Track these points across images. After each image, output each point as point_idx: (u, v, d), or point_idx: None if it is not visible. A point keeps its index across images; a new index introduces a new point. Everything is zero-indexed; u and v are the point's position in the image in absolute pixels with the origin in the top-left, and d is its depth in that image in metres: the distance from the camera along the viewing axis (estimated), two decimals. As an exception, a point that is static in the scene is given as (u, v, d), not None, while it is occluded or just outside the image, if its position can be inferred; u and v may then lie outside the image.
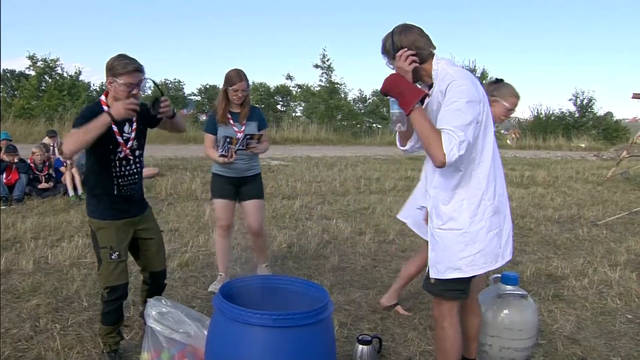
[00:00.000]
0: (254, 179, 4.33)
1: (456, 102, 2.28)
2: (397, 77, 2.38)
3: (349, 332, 3.63)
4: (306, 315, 2.23)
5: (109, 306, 3.02)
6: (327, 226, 6.63)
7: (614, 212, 8.08)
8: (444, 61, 2.44)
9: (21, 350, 3.22)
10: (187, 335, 2.76)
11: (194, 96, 33.65)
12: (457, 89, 2.30)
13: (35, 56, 21.14)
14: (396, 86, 2.37)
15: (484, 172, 2.42)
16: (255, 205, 4.32)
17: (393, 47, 2.43)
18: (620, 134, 28.92)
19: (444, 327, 2.59)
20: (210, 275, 4.68)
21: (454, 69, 2.39)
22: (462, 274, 2.46)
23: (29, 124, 16.88)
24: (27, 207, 7.30)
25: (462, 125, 2.24)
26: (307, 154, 15.71)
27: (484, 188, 2.42)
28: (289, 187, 9.47)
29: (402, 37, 2.43)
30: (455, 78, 2.33)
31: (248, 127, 4.19)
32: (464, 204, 2.42)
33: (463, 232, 2.42)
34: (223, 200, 4.29)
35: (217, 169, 4.31)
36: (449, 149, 2.22)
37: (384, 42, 2.50)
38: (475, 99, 2.32)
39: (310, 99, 26.15)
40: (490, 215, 2.44)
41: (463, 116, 2.26)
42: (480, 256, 2.44)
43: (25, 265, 4.67)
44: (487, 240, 2.44)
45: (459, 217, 2.43)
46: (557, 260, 5.45)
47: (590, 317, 4.06)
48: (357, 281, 4.71)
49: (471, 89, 2.33)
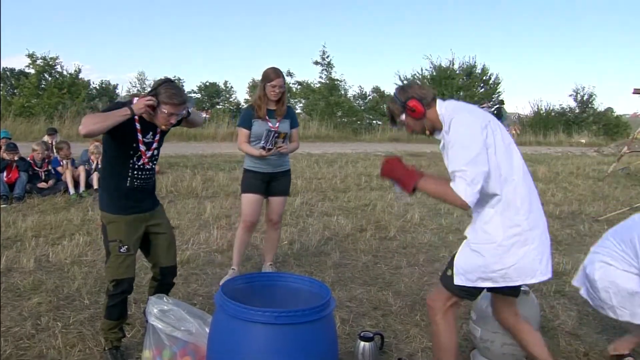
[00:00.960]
0: (285, 175, 4.49)
1: (458, 139, 2.41)
2: (392, 163, 2.62)
3: (350, 328, 3.63)
4: (308, 312, 2.23)
5: (113, 299, 3.03)
6: (328, 223, 6.62)
7: (615, 208, 8.07)
8: (446, 102, 2.59)
9: (23, 348, 3.22)
10: (188, 333, 2.75)
11: (193, 94, 33.67)
12: (455, 126, 2.43)
13: (35, 54, 21.10)
14: (392, 172, 2.60)
15: (517, 189, 2.49)
16: (281, 201, 4.51)
17: (400, 102, 2.60)
18: (621, 130, 28.87)
19: (437, 322, 2.65)
20: (212, 273, 4.68)
21: (452, 106, 2.55)
22: (494, 284, 2.52)
23: (29, 123, 16.86)
24: (28, 205, 7.30)
25: (469, 161, 2.36)
26: (307, 151, 15.70)
27: (518, 205, 2.48)
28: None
29: (406, 92, 2.61)
30: (453, 116, 2.46)
31: (282, 125, 4.31)
32: (499, 219, 2.49)
33: (497, 245, 2.48)
34: (253, 195, 4.38)
35: (250, 165, 4.39)
36: (464, 192, 2.35)
37: (390, 109, 2.68)
38: (475, 128, 2.41)
39: (311, 96, 26.10)
40: (527, 229, 2.49)
41: (467, 151, 2.37)
42: (514, 270, 2.49)
43: (26, 264, 4.67)
44: (522, 254, 2.48)
45: (494, 231, 2.49)
46: (558, 256, 5.45)
47: (592, 313, 4.05)
48: (358, 278, 4.70)
49: (469, 119, 2.44)
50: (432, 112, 2.58)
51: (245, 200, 4.40)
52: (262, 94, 4.27)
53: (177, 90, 2.92)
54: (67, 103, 19.04)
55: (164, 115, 2.89)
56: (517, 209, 2.48)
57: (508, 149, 2.50)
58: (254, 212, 4.40)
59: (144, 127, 2.98)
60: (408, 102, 2.58)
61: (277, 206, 4.50)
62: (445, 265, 2.70)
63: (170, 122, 2.94)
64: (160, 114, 2.90)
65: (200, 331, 2.74)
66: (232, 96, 39.09)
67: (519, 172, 2.51)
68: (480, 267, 2.51)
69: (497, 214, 2.49)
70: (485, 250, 2.50)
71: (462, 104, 2.59)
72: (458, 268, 2.59)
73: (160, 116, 2.90)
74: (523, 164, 2.57)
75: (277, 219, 4.55)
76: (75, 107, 18.69)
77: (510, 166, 2.49)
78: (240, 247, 4.53)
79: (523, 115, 30.53)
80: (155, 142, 3.08)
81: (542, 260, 2.54)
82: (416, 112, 2.57)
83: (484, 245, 2.51)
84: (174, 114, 2.91)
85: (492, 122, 2.49)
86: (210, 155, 13.43)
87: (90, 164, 8.59)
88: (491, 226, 2.50)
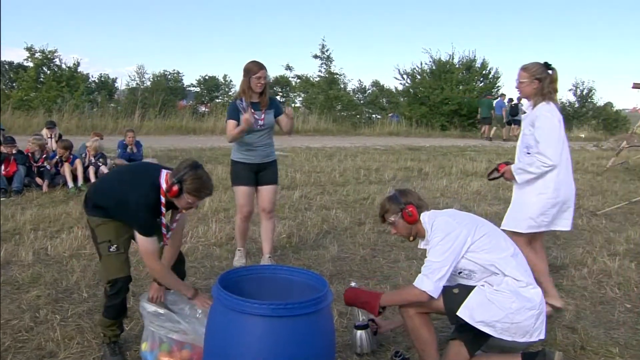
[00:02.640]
0: (272, 165, 4.63)
1: (436, 238, 2.75)
2: (353, 291, 3.00)
3: (348, 321, 3.63)
4: (305, 305, 2.23)
5: (112, 300, 3.00)
6: (326, 216, 6.63)
7: (613, 202, 8.08)
8: (427, 214, 2.90)
9: (21, 341, 3.22)
10: (184, 334, 2.77)
11: (193, 87, 33.59)
12: (435, 231, 2.79)
13: (33, 47, 21.04)
14: (357, 298, 2.95)
15: (512, 270, 2.74)
16: (271, 190, 4.63)
17: (399, 203, 2.87)
18: (620, 124, 28.87)
19: (411, 317, 2.77)
20: (210, 266, 4.69)
21: (434, 216, 2.87)
22: (493, 332, 2.67)
23: (28, 116, 16.81)
24: (27, 198, 7.29)
25: (439, 255, 2.69)
26: (306, 145, 15.70)
27: (519, 279, 2.73)
28: (289, 177, 9.46)
29: (407, 196, 2.90)
30: (436, 221, 2.82)
31: (267, 115, 4.47)
32: (508, 287, 2.72)
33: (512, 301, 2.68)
34: (245, 187, 4.54)
35: (238, 157, 4.55)
36: (426, 287, 2.67)
37: (384, 206, 2.93)
38: (453, 230, 2.74)
39: (310, 90, 26.04)
40: (532, 295, 2.72)
41: (441, 248, 2.70)
42: (516, 327, 2.68)
43: (25, 257, 4.68)
44: (526, 316, 2.67)
45: (502, 299, 2.69)
46: (556, 250, 5.46)
47: (590, 307, 4.07)
48: (356, 271, 4.71)
49: (449, 223, 2.78)
50: (419, 222, 2.87)
51: (238, 192, 4.58)
52: (247, 87, 4.41)
53: (203, 182, 2.84)
54: (66, 96, 18.97)
55: (188, 203, 2.85)
56: (517, 283, 2.73)
57: (494, 241, 2.77)
58: (248, 202, 4.58)
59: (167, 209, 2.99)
60: (407, 206, 2.83)
61: (268, 195, 4.61)
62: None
63: (193, 208, 2.95)
64: (183, 201, 2.85)
65: (197, 331, 2.75)
66: (232, 90, 39.07)
67: (505, 262, 2.75)
68: (487, 313, 2.68)
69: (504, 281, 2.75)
70: (499, 302, 2.71)
71: (440, 213, 2.90)
72: (470, 303, 2.71)
73: (183, 202, 2.86)
74: (516, 250, 2.85)
75: (270, 208, 4.64)
76: (74, 101, 18.64)
77: (496, 257, 2.74)
78: (242, 233, 4.77)
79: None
80: (175, 223, 3.11)
81: (536, 325, 2.75)
82: (412, 217, 2.84)
83: (500, 295, 2.72)
84: (196, 203, 2.89)
85: (469, 224, 2.79)
86: (209, 148, 13.41)
87: (90, 160, 8.54)
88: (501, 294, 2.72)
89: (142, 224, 2.85)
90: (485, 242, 2.72)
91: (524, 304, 2.67)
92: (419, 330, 2.75)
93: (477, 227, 2.76)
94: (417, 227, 2.88)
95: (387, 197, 2.95)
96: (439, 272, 2.66)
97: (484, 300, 2.68)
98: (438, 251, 2.70)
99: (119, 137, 11.40)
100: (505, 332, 2.66)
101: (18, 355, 3.06)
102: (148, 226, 2.86)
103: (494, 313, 2.65)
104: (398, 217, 2.87)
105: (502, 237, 2.82)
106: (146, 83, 25.60)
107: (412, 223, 2.86)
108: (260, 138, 4.48)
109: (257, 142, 4.47)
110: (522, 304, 2.67)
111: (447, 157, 13.70)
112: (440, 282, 2.67)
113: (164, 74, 30.55)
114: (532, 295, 2.72)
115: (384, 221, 2.95)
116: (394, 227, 2.92)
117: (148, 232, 2.85)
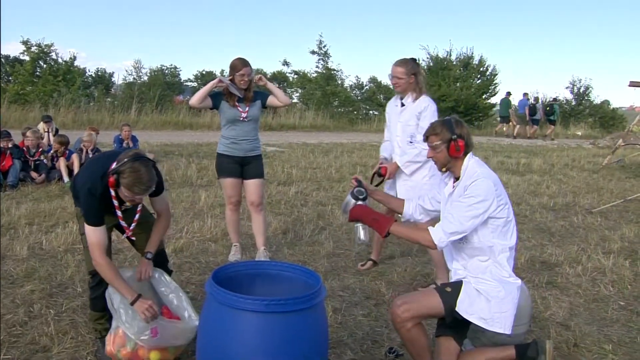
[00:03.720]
0: (256, 159, 4.65)
1: (471, 197, 2.58)
2: (364, 208, 2.84)
3: (342, 318, 3.64)
4: (298, 301, 2.23)
5: (94, 292, 3.03)
6: (322, 212, 6.63)
7: (608, 200, 8.10)
8: (474, 160, 2.73)
9: (15, 335, 3.22)
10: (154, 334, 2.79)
11: (190, 82, 33.49)
12: (474, 186, 2.60)
13: (30, 41, 20.91)
14: (367, 215, 2.81)
15: (503, 260, 2.69)
16: (256, 183, 4.64)
17: (452, 132, 2.68)
18: (617, 122, 28.88)
19: (409, 329, 2.67)
20: (205, 261, 4.69)
21: (481, 169, 2.67)
22: (484, 324, 2.65)
23: (24, 110, 16.76)
24: (22, 193, 7.27)
25: (464, 218, 2.58)
26: (303, 141, 15.68)
27: (506, 270, 2.70)
28: (285, 173, 9.45)
29: (461, 129, 2.70)
30: (480, 177, 2.61)
31: (252, 109, 4.54)
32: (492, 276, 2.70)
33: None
34: (231, 178, 4.60)
35: (222, 150, 4.61)
36: (438, 238, 2.61)
37: (435, 129, 2.73)
38: (489, 197, 2.59)
39: (307, 86, 25.99)
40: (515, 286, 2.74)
41: (470, 211, 2.57)
42: (505, 317, 2.66)
43: (19, 251, 4.66)
44: (513, 305, 2.69)
45: (489, 289, 2.69)
46: (551, 248, 5.47)
47: (583, 304, 4.08)
48: (351, 267, 4.71)
49: (490, 188, 2.60)
50: (461, 160, 2.72)
51: (224, 183, 4.66)
52: None
53: (139, 178, 2.67)
54: (63, 91, 18.91)
55: (126, 197, 2.75)
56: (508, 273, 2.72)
57: (506, 224, 2.69)
58: (236, 192, 4.66)
59: (121, 202, 2.87)
60: (459, 139, 2.67)
61: (255, 188, 4.63)
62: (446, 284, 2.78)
63: (136, 202, 2.82)
64: (122, 194, 2.74)
65: (168, 331, 2.80)
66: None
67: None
68: (484, 306, 2.66)
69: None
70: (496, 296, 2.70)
71: (488, 170, 2.71)
72: (465, 297, 2.68)
73: (123, 194, 2.75)
74: None
75: (258, 201, 4.66)
76: (70, 95, 18.57)
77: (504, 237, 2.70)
78: (233, 226, 4.79)
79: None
80: (137, 214, 3.01)
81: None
82: (459, 151, 2.68)
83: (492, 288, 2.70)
84: (134, 200, 2.77)
85: (501, 195, 2.67)
86: (206, 144, 13.39)
87: (88, 155, 8.52)
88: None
89: (85, 211, 2.81)
90: (500, 224, 2.66)
91: (512, 293, 2.68)
92: (417, 341, 2.69)
93: (505, 207, 2.67)
94: (455, 163, 2.72)
95: (441, 120, 2.77)
96: (457, 234, 2.60)
97: (472, 292, 2.67)
98: (467, 213, 2.58)
99: (116, 131, 11.37)
100: (496, 322, 2.66)
101: (12, 349, 3.05)
102: (92, 214, 2.79)
103: (483, 305, 2.65)
104: (443, 145, 2.70)
105: (514, 227, 2.75)
106: (143, 78, 25.39)
107: (454, 156, 2.70)
108: (243, 131, 4.52)
109: (241, 135, 4.52)
110: (509, 293, 2.66)
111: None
112: (452, 239, 2.62)
113: (161, 69, 30.39)
114: (515, 286, 2.72)
115: (426, 140, 2.78)
116: (434, 151, 2.74)
117: (91, 221, 2.79)
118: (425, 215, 3.01)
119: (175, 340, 2.86)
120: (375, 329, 3.52)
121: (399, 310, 2.67)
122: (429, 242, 2.63)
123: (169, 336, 2.82)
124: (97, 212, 2.81)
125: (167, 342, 2.83)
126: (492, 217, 2.63)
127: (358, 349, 3.25)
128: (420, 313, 2.67)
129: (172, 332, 2.83)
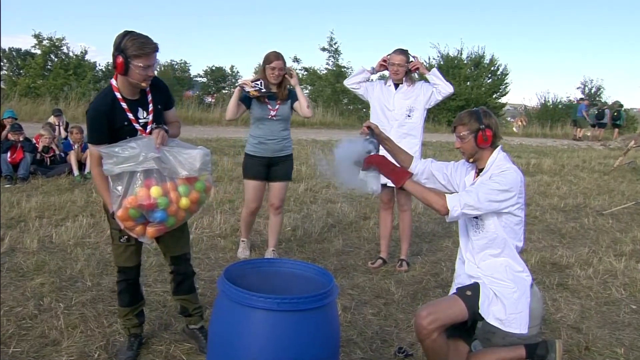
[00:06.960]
0: (286, 160, 4.56)
1: (497, 183, 2.58)
2: (383, 157, 2.77)
3: (352, 316, 3.63)
4: (311, 300, 2.21)
5: (119, 286, 3.03)
6: (331, 210, 6.61)
7: (620, 202, 8.04)
8: (503, 154, 2.74)
9: (25, 328, 3.23)
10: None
11: (199, 78, 33.52)
12: (503, 176, 2.61)
13: (41, 35, 21.04)
14: (386, 165, 2.75)
15: (513, 253, 2.72)
16: (281, 186, 4.59)
17: (481, 122, 2.68)
18: (629, 124, 28.65)
19: (435, 339, 2.64)
20: (214, 257, 4.68)
21: (511, 164, 2.70)
22: (502, 326, 2.65)
23: (35, 103, 16.83)
24: (32, 186, 7.30)
25: (484, 197, 2.56)
26: (312, 137, 15.65)
27: (519, 263, 2.72)
28: (294, 170, 9.38)
29: (490, 120, 2.70)
30: (512, 169, 2.64)
31: (283, 106, 4.41)
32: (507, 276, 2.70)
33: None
34: (254, 181, 4.50)
35: (250, 150, 4.49)
36: (453, 205, 2.56)
37: (464, 119, 2.73)
38: (513, 190, 2.60)
39: (317, 83, 25.97)
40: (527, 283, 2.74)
41: (492, 195, 2.57)
42: (521, 317, 2.66)
43: (29, 244, 4.68)
44: (526, 303, 2.69)
45: (504, 290, 2.70)
46: (562, 249, 5.43)
47: (595, 307, 4.04)
48: (361, 266, 4.70)
49: (517, 182, 2.61)
50: (487, 152, 2.73)
51: (247, 186, 4.54)
52: (263, 76, 4.36)
53: (143, 37, 2.64)
54: (73, 84, 18.99)
55: (141, 71, 2.64)
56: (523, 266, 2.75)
57: (522, 225, 2.73)
58: (256, 198, 4.54)
59: (132, 107, 2.79)
60: (487, 129, 2.67)
61: (278, 191, 4.56)
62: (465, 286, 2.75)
63: (149, 75, 2.70)
64: (137, 71, 2.64)
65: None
66: (238, 81, 38.89)
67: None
68: (503, 308, 2.67)
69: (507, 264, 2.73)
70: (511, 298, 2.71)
71: (516, 167, 2.71)
72: (487, 296, 2.69)
73: (136, 73, 2.65)
74: None
75: (279, 204, 4.61)
76: (80, 89, 18.64)
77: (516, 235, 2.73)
78: (247, 225, 4.77)
79: (530, 107, 30.34)
80: (150, 114, 2.87)
81: None
82: (487, 141, 2.68)
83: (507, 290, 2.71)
84: (150, 65, 2.67)
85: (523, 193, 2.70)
86: (215, 139, 13.39)
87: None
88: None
89: (89, 130, 2.79)
90: (515, 221, 2.67)
91: (525, 292, 2.67)
92: (441, 349, 2.67)
93: (522, 208, 2.69)
94: (483, 153, 2.73)
95: (469, 110, 2.78)
96: (472, 208, 2.57)
97: (490, 294, 2.67)
98: (488, 195, 2.57)
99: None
100: (512, 323, 2.65)
101: (22, 342, 3.07)
102: (95, 135, 2.75)
103: (499, 307, 2.65)
104: (471, 135, 2.70)
105: (523, 230, 2.76)
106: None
107: (482, 146, 2.70)
108: (271, 130, 4.41)
109: (268, 134, 4.41)
110: (523, 293, 2.66)
111: (453, 153, 13.64)
112: (465, 212, 2.59)
113: (171, 64, 30.48)
114: (527, 283, 2.72)
115: (454, 131, 2.79)
116: (462, 141, 2.74)
117: (93, 140, 2.76)
118: (430, 182, 2.97)
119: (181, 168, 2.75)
120: (384, 328, 3.50)
121: (425, 322, 2.60)
122: (442, 207, 2.58)
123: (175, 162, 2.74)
124: (100, 133, 2.75)
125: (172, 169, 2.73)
126: (509, 214, 2.63)
127: (367, 348, 3.24)
128: (446, 322, 2.65)
129: (179, 159, 2.76)
